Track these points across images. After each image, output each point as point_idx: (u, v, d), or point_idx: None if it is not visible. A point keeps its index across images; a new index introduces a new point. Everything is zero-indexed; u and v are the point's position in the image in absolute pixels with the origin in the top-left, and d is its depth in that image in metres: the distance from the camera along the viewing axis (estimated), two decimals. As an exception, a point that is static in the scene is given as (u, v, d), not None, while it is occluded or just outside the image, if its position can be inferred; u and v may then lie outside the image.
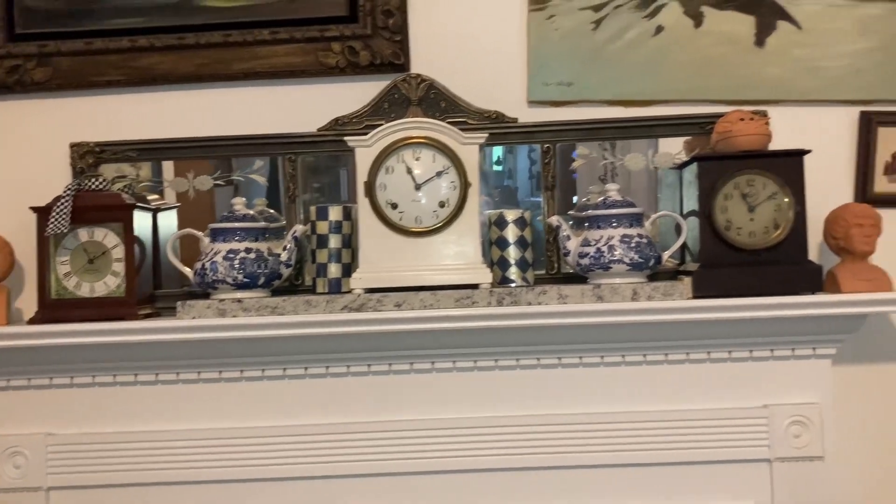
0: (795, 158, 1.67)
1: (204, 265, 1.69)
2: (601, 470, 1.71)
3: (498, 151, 1.98)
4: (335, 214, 1.76)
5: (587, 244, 1.69)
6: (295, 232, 1.74)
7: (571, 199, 1.92)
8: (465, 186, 1.67)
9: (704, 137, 1.82)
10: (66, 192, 1.70)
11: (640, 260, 1.66)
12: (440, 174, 1.69)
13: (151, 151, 1.90)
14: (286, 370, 1.73)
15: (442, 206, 1.68)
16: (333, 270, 1.75)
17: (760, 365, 1.72)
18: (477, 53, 1.91)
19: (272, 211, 1.88)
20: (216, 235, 1.71)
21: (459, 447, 1.72)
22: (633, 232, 1.68)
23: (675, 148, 1.88)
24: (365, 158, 1.68)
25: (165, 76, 1.92)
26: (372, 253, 1.68)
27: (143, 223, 1.81)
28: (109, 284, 1.72)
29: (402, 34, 1.89)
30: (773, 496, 1.70)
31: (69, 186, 1.72)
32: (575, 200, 1.92)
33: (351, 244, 1.77)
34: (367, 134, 1.69)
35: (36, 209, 1.72)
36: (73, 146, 1.90)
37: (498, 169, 2.00)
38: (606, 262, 1.66)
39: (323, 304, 1.65)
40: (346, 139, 1.70)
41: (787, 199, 1.66)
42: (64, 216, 1.67)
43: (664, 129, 1.87)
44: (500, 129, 1.85)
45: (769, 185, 1.66)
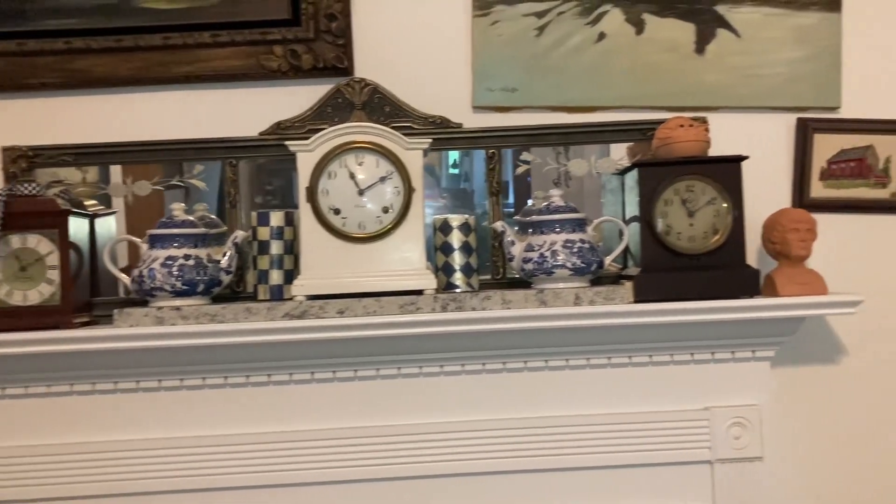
0: (734, 164, 1.70)
1: (142, 272, 1.65)
2: (544, 474, 1.72)
3: (454, 155, 1.98)
4: (277, 220, 1.73)
5: (531, 249, 1.70)
6: (235, 238, 1.72)
7: (526, 202, 1.91)
8: (409, 192, 1.66)
9: (647, 143, 1.84)
10: (-4, 197, 1.65)
11: (582, 265, 1.67)
12: (384, 179, 1.67)
13: (88, 156, 1.85)
14: (227, 378, 1.71)
15: (386, 211, 1.67)
16: (275, 277, 1.73)
17: (701, 368, 1.75)
18: (422, 58, 1.90)
19: (213, 216, 1.85)
20: (154, 242, 1.68)
21: (405, 454, 1.71)
22: (575, 237, 1.69)
23: (620, 153, 1.90)
24: (307, 163, 1.66)
25: (103, 79, 1.87)
26: (314, 259, 1.66)
27: (79, 229, 1.76)
28: (43, 293, 1.67)
29: (345, 38, 1.88)
30: (714, 497, 1.73)
31: (0, 192, 1.67)
32: (530, 203, 1.93)
33: (293, 250, 1.74)
34: (309, 138, 1.67)
35: (-35, 215, 1.66)
36: (4, 150, 1.84)
37: (454, 172, 2.00)
38: (549, 266, 1.67)
39: (264, 311, 1.62)
40: (287, 143, 1.68)
41: (725, 204, 1.68)
42: (-6, 222, 1.63)
43: (607, 134, 1.89)
44: (444, 134, 1.85)
45: (708, 190, 1.69)
